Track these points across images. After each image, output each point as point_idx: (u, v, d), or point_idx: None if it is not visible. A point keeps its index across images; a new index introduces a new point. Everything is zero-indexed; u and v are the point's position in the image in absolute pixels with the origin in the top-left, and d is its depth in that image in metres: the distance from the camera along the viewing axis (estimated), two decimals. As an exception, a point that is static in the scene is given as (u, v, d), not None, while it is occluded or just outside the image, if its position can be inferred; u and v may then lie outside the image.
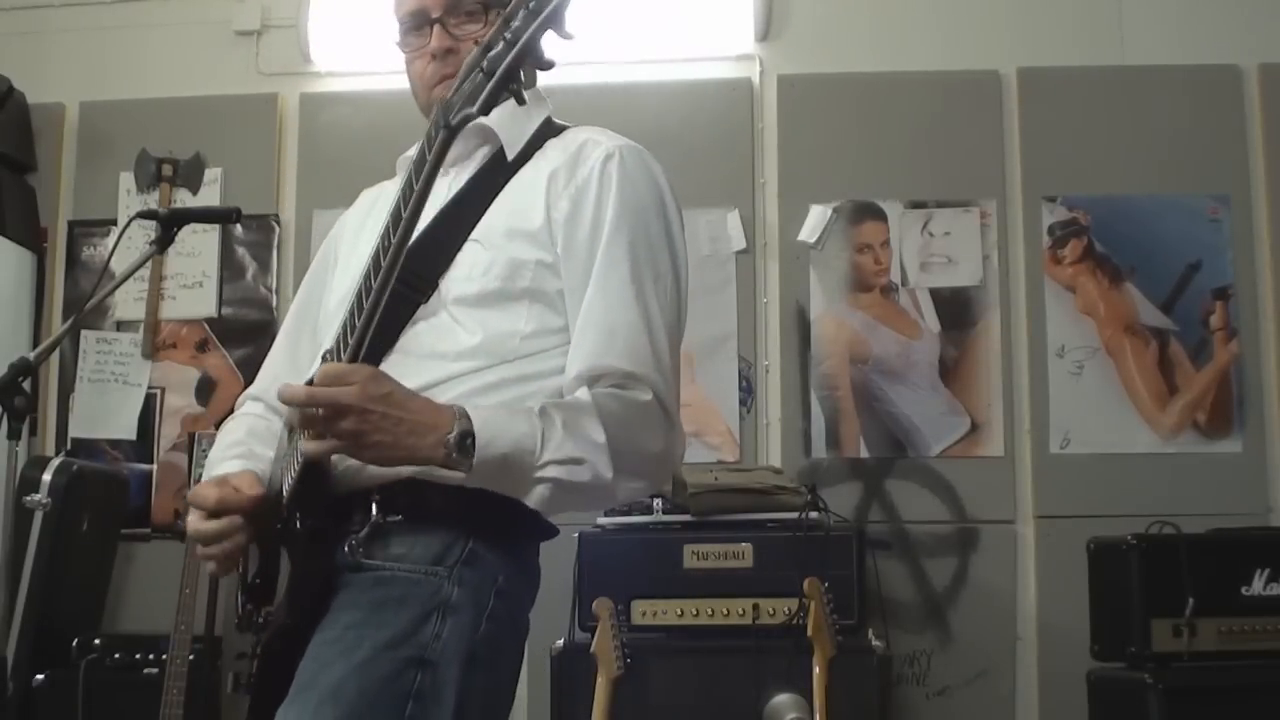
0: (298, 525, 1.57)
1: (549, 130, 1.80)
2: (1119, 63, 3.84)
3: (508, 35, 1.26)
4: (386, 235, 1.47)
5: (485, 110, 1.29)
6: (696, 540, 3.11)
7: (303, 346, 1.92)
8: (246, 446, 1.83)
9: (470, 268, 1.66)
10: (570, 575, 3.06)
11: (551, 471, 1.54)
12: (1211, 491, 3.59)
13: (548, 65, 1.26)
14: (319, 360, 1.63)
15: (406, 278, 1.57)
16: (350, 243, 1.89)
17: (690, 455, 3.67)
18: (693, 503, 3.16)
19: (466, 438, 1.48)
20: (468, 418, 1.49)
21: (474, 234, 1.68)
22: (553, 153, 1.75)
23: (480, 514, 1.60)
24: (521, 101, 1.29)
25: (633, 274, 1.66)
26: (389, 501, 1.59)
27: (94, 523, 3.58)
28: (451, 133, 1.33)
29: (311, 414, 1.46)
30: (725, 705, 2.94)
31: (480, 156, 1.77)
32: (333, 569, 1.59)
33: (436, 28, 1.74)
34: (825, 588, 2.87)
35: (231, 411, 1.98)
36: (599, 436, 1.56)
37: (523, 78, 1.30)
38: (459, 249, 1.67)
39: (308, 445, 1.48)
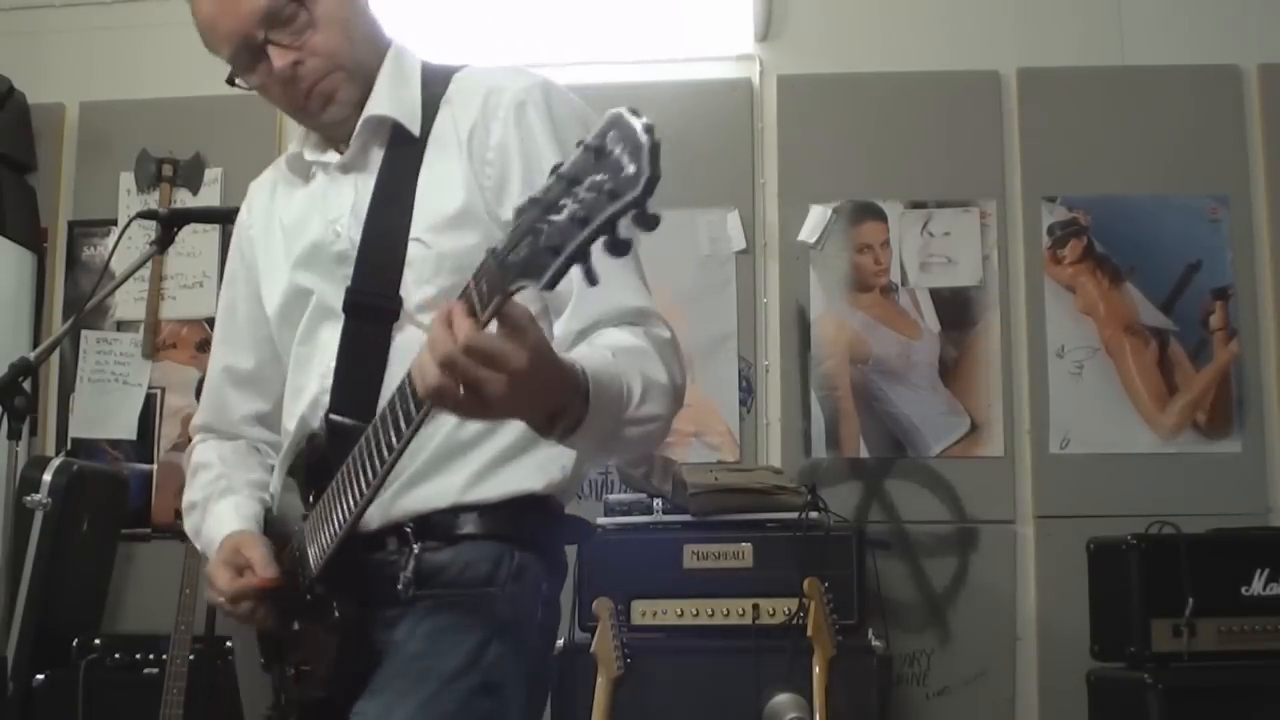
0: (335, 613, 1.53)
1: (434, 82, 1.68)
2: (1119, 63, 3.84)
3: (575, 207, 1.09)
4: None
5: (552, 288, 1.13)
6: (696, 540, 3.11)
7: (241, 364, 1.83)
8: (227, 479, 1.77)
9: (420, 270, 1.58)
10: (570, 575, 3.05)
11: (630, 432, 1.42)
12: (1211, 491, 3.59)
13: (624, 250, 1.09)
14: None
15: (369, 300, 1.53)
16: (264, 247, 1.79)
17: (690, 455, 3.68)
18: (693, 503, 3.16)
19: (576, 424, 1.33)
20: (586, 400, 1.32)
21: (413, 232, 1.59)
22: (454, 112, 1.64)
23: (522, 525, 1.58)
24: (595, 283, 1.12)
25: None
26: (426, 531, 1.56)
27: (94, 523, 3.58)
28: (506, 299, 1.18)
29: (448, 379, 1.23)
30: (725, 705, 2.94)
31: (379, 148, 1.67)
32: (375, 645, 1.55)
33: (271, 49, 1.61)
34: (825, 588, 2.88)
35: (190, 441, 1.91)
36: (664, 379, 1.46)
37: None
38: (404, 253, 1.59)
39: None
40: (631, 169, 1.05)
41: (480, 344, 1.19)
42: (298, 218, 1.73)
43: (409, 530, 1.56)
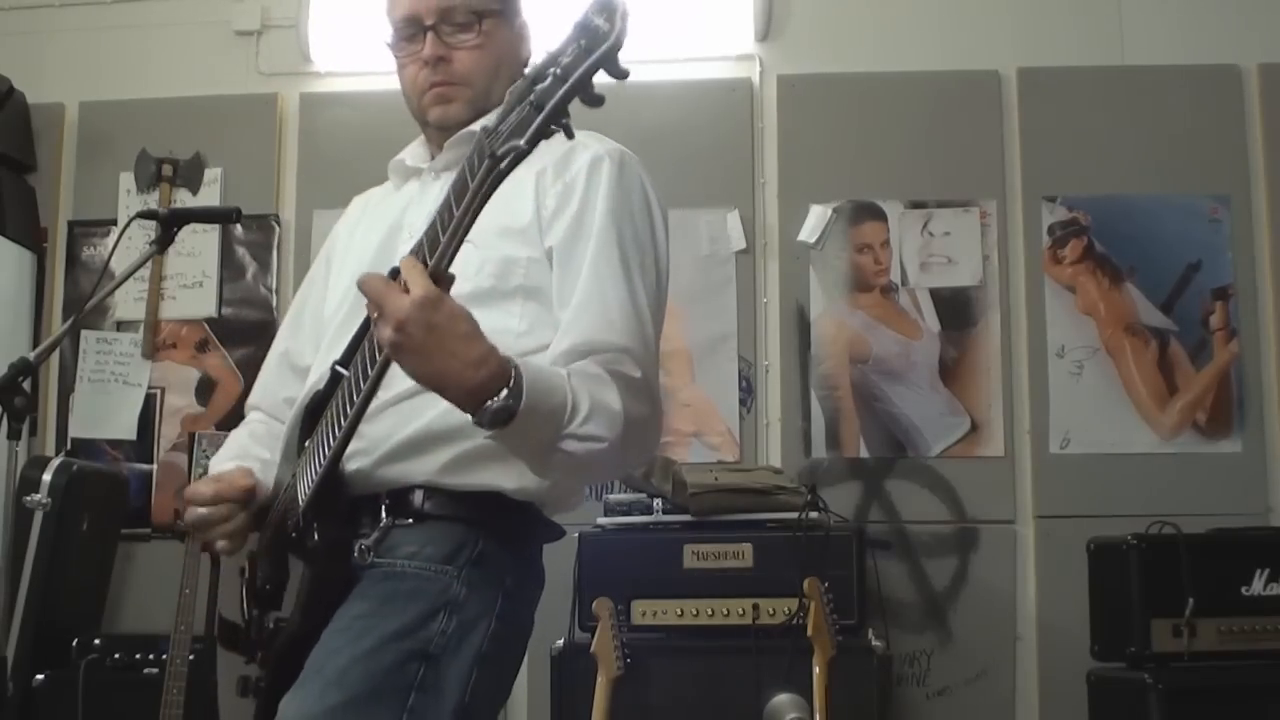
0: (315, 536, 1.59)
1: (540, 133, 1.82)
2: (1119, 63, 3.84)
3: (557, 70, 1.24)
4: (421, 252, 1.44)
5: (533, 144, 1.26)
6: (696, 540, 3.11)
7: (299, 354, 1.95)
8: (244, 450, 1.87)
9: (463, 267, 1.63)
10: (570, 575, 3.06)
11: (570, 446, 1.51)
12: (1211, 491, 3.59)
13: (598, 102, 1.23)
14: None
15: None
16: (343, 251, 1.93)
17: (690, 455, 3.68)
18: (693, 503, 3.16)
19: (505, 414, 1.44)
20: (517, 391, 1.44)
21: (469, 236, 1.67)
22: (542, 154, 1.74)
23: (491, 516, 1.63)
24: (570, 136, 1.27)
25: (622, 262, 1.67)
26: (399, 505, 1.63)
27: (94, 523, 3.58)
28: (496, 162, 1.30)
29: (372, 306, 1.42)
30: (725, 705, 2.94)
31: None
32: (351, 576, 1.61)
33: (430, 35, 1.77)
34: (825, 588, 2.87)
35: (237, 417, 2.02)
36: (617, 406, 1.55)
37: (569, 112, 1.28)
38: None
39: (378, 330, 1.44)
40: (605, 27, 1.22)
41: (406, 265, 1.39)
42: (382, 217, 1.87)
43: (384, 502, 1.63)
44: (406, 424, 1.63)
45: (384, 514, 1.62)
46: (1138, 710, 2.89)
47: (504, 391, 1.42)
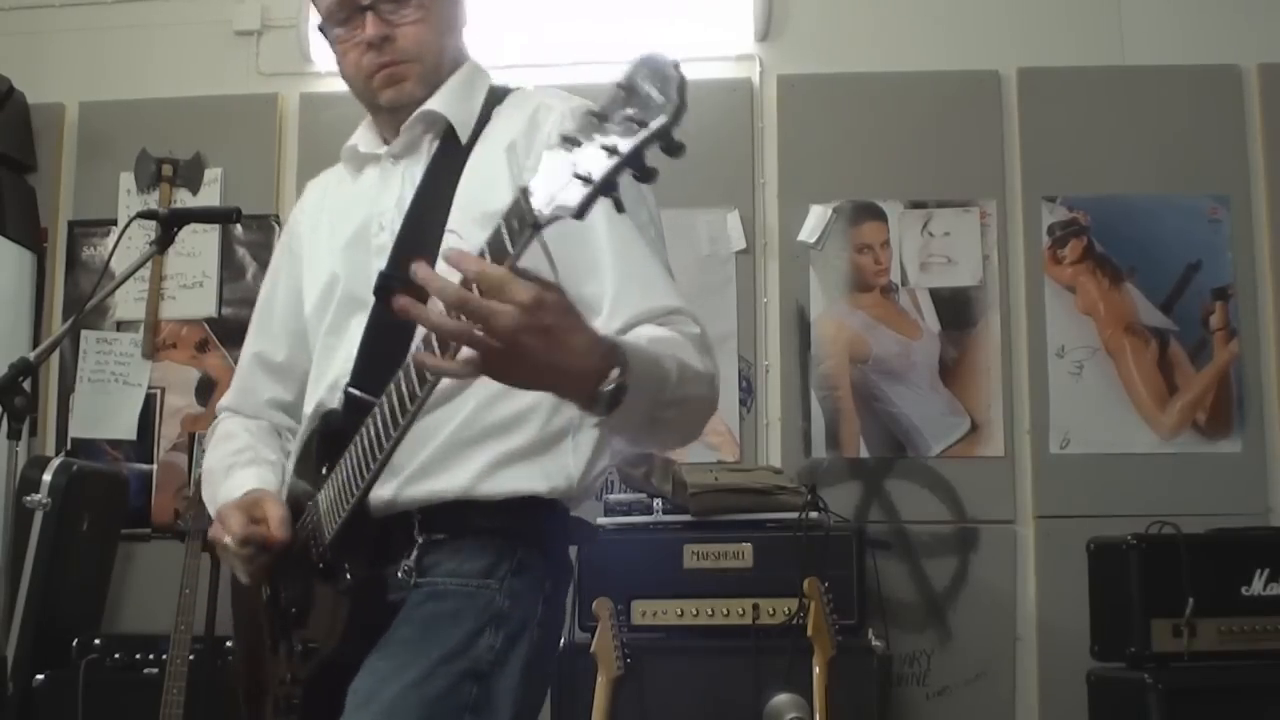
0: (347, 575, 1.57)
1: (494, 99, 1.76)
2: (1119, 63, 3.84)
3: (605, 139, 1.12)
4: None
5: (581, 216, 1.15)
6: (696, 540, 3.11)
7: (272, 353, 1.88)
8: (254, 451, 1.82)
9: None
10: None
11: (668, 413, 1.44)
12: (1211, 491, 3.59)
13: (651, 177, 1.13)
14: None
15: (398, 284, 1.49)
16: (310, 245, 1.85)
17: (690, 455, 3.67)
18: (693, 503, 3.16)
19: (620, 393, 1.33)
20: (626, 367, 1.34)
21: (449, 224, 1.63)
22: (503, 122, 1.71)
23: (526, 524, 1.61)
24: (622, 210, 1.17)
25: (638, 227, 1.62)
26: (433, 523, 1.59)
27: (94, 523, 3.58)
28: (538, 230, 1.20)
29: (452, 323, 1.24)
30: (725, 705, 2.94)
31: (429, 142, 1.74)
32: (388, 603, 1.59)
33: (370, 15, 1.68)
34: (825, 588, 2.88)
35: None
36: (698, 365, 1.51)
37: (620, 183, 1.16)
38: (439, 244, 1.61)
39: (434, 361, 1.29)
40: (660, 99, 1.10)
41: (488, 273, 1.21)
42: (345, 208, 1.79)
43: (416, 519, 1.59)
44: (430, 440, 1.59)
45: (418, 533, 1.59)
46: (1138, 710, 2.89)
47: (615, 370, 1.32)
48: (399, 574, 1.58)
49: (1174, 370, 3.71)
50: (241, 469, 1.78)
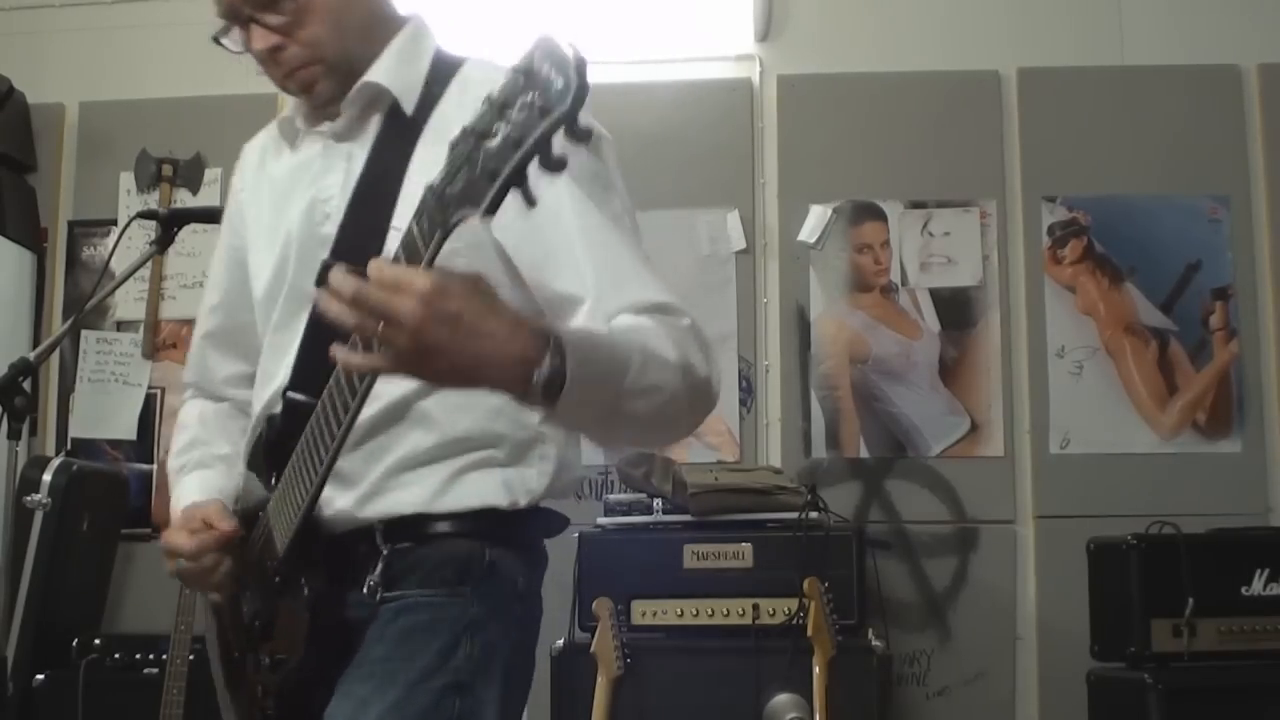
0: (305, 590, 1.53)
1: (443, 68, 1.63)
2: (1119, 63, 3.84)
3: (508, 129, 1.07)
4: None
5: (492, 212, 1.10)
6: (696, 540, 3.11)
7: (227, 331, 1.82)
8: (201, 450, 1.77)
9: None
10: (570, 575, 3.06)
11: (632, 405, 1.34)
12: (1211, 491, 3.59)
13: (559, 166, 1.07)
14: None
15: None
16: (254, 222, 1.75)
17: (690, 455, 3.68)
18: (693, 503, 3.16)
19: (557, 378, 1.23)
20: (561, 352, 1.24)
21: (394, 221, 1.52)
22: (454, 104, 1.57)
23: (495, 528, 1.55)
24: (533, 204, 1.10)
25: (603, 214, 1.51)
26: (395, 534, 1.54)
27: (94, 523, 3.58)
28: (448, 233, 1.15)
29: (360, 319, 1.19)
30: (725, 705, 2.94)
31: (375, 119, 1.63)
32: (353, 617, 1.54)
33: (254, 28, 1.60)
34: (825, 588, 2.88)
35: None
36: (672, 354, 1.38)
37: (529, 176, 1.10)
38: (383, 241, 1.51)
39: (348, 357, 1.24)
40: (560, 83, 1.04)
41: (383, 270, 1.17)
42: (287, 188, 1.69)
43: (379, 530, 1.54)
44: (385, 454, 1.53)
45: (381, 543, 1.53)
46: (1138, 710, 2.89)
47: (547, 355, 1.23)
48: (364, 589, 1.52)
49: (1174, 370, 3.71)
50: (188, 473, 1.74)
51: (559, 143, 1.06)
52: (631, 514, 3.22)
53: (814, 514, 3.10)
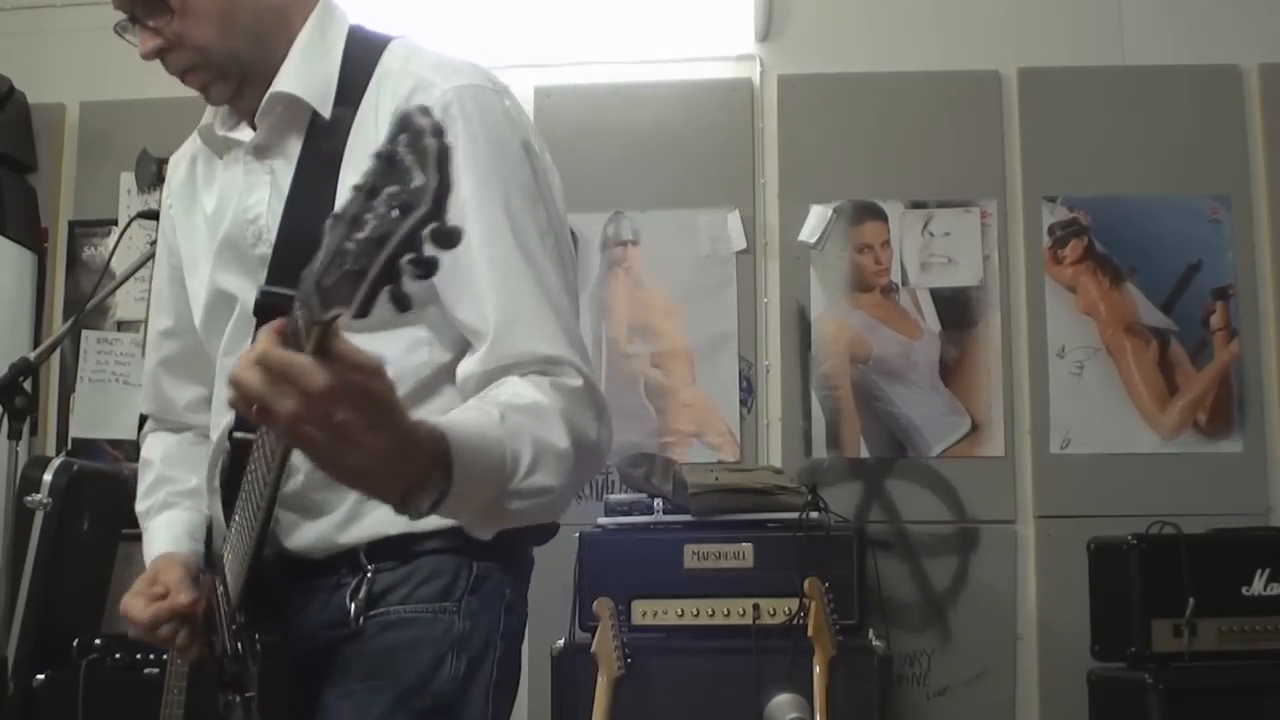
0: (257, 644, 1.44)
1: (361, 54, 1.53)
2: (1119, 63, 3.84)
3: (375, 223, 0.93)
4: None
5: (364, 315, 0.96)
6: (697, 540, 3.11)
7: (176, 357, 1.76)
8: (166, 490, 1.73)
9: None
10: (570, 575, 3.06)
11: (515, 505, 1.31)
12: (1211, 491, 3.59)
13: (431, 268, 0.93)
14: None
15: (278, 304, 1.19)
16: (187, 243, 1.68)
17: (691, 455, 3.68)
18: (693, 503, 3.16)
19: (441, 499, 1.19)
20: (449, 473, 1.19)
21: None
22: (379, 98, 1.49)
23: (481, 540, 1.48)
24: (406, 307, 0.95)
25: (517, 240, 1.42)
26: (378, 552, 1.49)
27: (94, 523, 3.57)
28: (326, 328, 1.02)
29: (237, 402, 1.11)
30: (725, 705, 2.94)
31: (295, 129, 1.53)
32: (321, 646, 1.49)
33: (139, 30, 1.51)
34: (825, 588, 2.88)
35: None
36: (564, 444, 1.33)
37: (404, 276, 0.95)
38: None
39: (243, 411, 1.13)
40: (419, 180, 0.91)
41: (271, 356, 1.04)
42: (217, 204, 1.61)
43: (362, 552, 1.49)
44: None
45: (364, 560, 1.48)
46: (1138, 710, 2.89)
47: (432, 479, 1.17)
48: (350, 610, 1.47)
49: (1174, 370, 3.71)
50: (154, 519, 1.70)
51: (428, 245, 0.92)
52: (632, 514, 3.22)
53: (814, 514, 3.11)
